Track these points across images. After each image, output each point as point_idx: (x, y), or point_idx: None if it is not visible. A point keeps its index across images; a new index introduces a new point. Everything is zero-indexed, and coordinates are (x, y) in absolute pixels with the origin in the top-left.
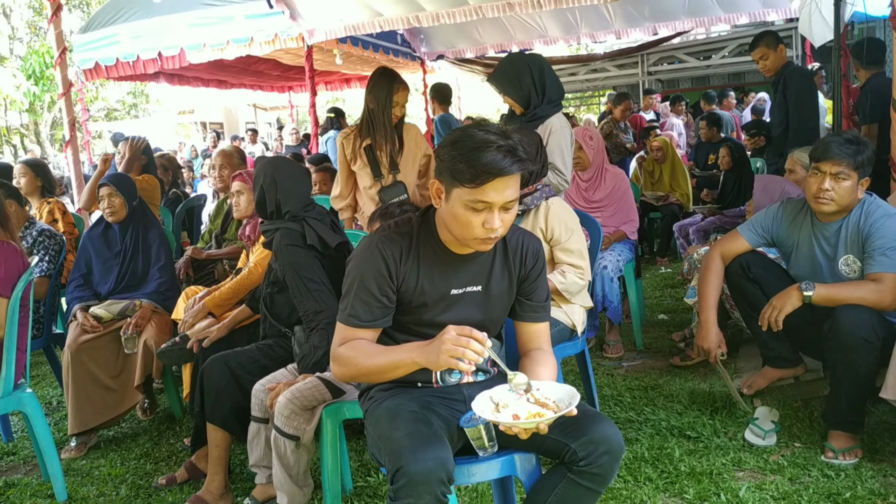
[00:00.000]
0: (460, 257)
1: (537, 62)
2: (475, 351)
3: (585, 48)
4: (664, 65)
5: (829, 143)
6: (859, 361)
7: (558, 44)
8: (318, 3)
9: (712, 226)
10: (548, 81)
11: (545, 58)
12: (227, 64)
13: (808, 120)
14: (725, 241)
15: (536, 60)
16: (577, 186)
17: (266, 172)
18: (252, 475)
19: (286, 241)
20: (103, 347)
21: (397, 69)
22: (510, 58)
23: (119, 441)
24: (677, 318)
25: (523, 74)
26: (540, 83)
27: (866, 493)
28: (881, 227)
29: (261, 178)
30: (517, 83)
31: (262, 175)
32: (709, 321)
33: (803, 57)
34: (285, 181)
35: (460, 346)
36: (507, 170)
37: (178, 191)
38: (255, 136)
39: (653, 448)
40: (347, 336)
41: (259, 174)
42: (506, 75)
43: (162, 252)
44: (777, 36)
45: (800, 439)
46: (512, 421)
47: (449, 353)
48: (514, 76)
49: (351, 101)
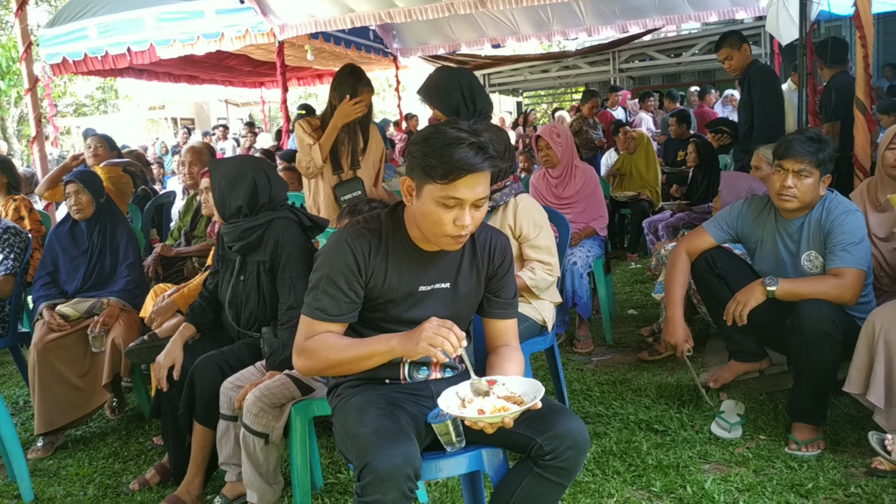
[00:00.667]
0: (429, 254)
1: (466, 76)
2: (452, 344)
3: (558, 45)
4: (635, 62)
5: (792, 142)
6: (821, 355)
7: (530, 40)
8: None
9: (681, 222)
10: (477, 95)
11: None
12: (197, 59)
13: (772, 117)
14: (691, 238)
15: (465, 75)
16: (547, 183)
17: (253, 168)
18: (222, 473)
19: (289, 232)
20: (70, 346)
21: (369, 65)
22: (440, 71)
23: (87, 441)
24: (646, 314)
25: (453, 89)
26: (470, 97)
27: (828, 484)
28: (842, 224)
29: (247, 174)
30: (447, 97)
31: (248, 171)
32: (675, 316)
33: (771, 55)
34: (272, 173)
35: (440, 336)
36: (478, 166)
37: (147, 187)
38: (225, 132)
39: (621, 442)
40: (313, 330)
41: (242, 171)
42: (436, 89)
43: (130, 250)
44: (740, 35)
45: (764, 432)
46: (477, 416)
47: (428, 340)
48: (444, 90)
49: (323, 97)
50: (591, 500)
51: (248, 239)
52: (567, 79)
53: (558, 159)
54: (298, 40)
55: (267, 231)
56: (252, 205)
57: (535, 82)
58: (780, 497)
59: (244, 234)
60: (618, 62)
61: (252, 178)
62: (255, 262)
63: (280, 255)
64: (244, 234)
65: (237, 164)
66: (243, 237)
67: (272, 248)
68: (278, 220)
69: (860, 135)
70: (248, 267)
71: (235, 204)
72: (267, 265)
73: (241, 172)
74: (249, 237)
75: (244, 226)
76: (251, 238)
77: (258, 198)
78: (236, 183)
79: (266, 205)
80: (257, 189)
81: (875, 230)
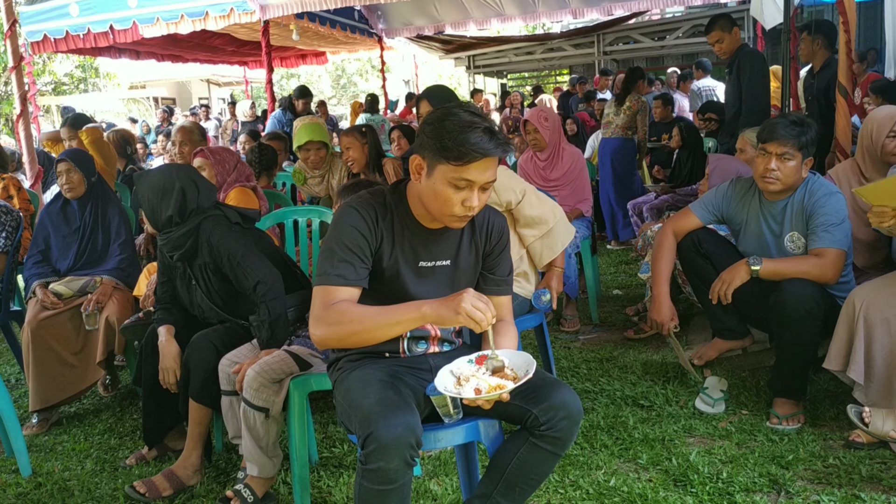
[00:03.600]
0: (431, 231)
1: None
2: (488, 319)
3: (542, 27)
4: (619, 45)
5: (775, 125)
6: (803, 332)
7: (515, 21)
8: None
9: (665, 204)
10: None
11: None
12: (181, 38)
13: (759, 101)
14: (678, 219)
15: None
16: (535, 165)
17: (178, 177)
18: (218, 449)
19: (218, 229)
20: (64, 324)
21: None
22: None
23: (81, 417)
24: (631, 294)
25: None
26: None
27: (807, 456)
28: (824, 205)
29: (173, 184)
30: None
31: (174, 181)
32: (661, 295)
33: (755, 39)
34: (198, 179)
35: (478, 310)
36: (492, 151)
37: (135, 166)
38: (207, 112)
39: (608, 417)
40: (332, 297)
41: (168, 182)
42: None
43: (122, 228)
44: (731, 18)
45: (747, 407)
46: (475, 395)
47: (468, 312)
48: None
49: (305, 78)
50: (581, 472)
51: (185, 246)
52: (551, 61)
53: (546, 142)
54: (284, 20)
55: (198, 234)
56: (182, 213)
57: (519, 64)
58: (761, 468)
59: (178, 242)
60: (602, 45)
61: (180, 188)
62: (198, 266)
63: (217, 251)
64: (179, 243)
65: (163, 175)
66: (179, 245)
67: (208, 248)
68: (206, 220)
69: (842, 118)
70: (195, 271)
71: (166, 214)
72: (210, 266)
73: (167, 183)
74: (185, 244)
75: (176, 234)
76: (187, 245)
77: (187, 206)
78: (164, 194)
79: (194, 211)
80: (185, 197)
81: (865, 206)
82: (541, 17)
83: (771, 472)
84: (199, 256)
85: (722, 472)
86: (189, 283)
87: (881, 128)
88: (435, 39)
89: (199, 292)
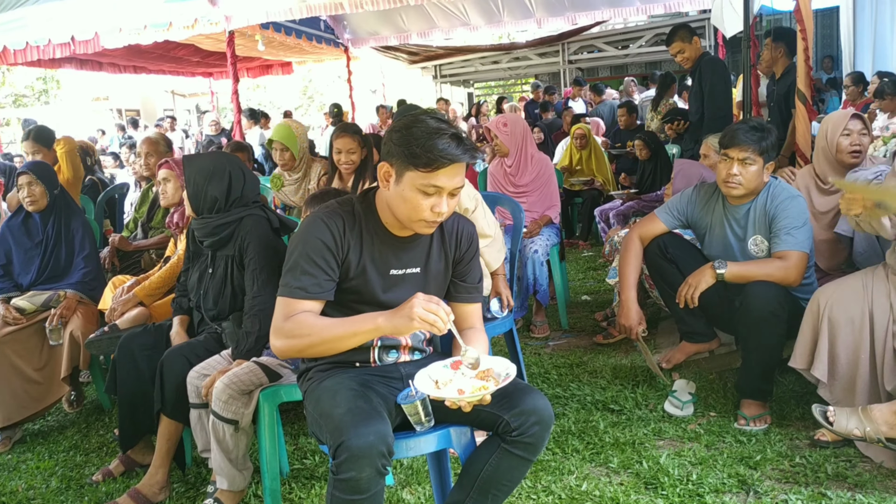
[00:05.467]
0: (400, 239)
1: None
2: (441, 319)
3: (508, 36)
4: (584, 53)
5: (736, 131)
6: (768, 334)
7: (481, 30)
8: None
9: (631, 210)
10: None
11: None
12: (144, 49)
13: (721, 107)
14: (644, 224)
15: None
16: (504, 172)
17: (228, 162)
18: (189, 464)
19: (257, 230)
20: (27, 340)
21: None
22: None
23: (45, 434)
24: (599, 299)
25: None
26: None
27: (775, 456)
28: (786, 209)
29: (224, 168)
30: None
31: (224, 165)
32: (629, 300)
33: (716, 47)
34: (245, 169)
35: (430, 312)
36: (459, 157)
37: (95, 178)
38: (173, 123)
39: (579, 421)
40: (292, 309)
41: (218, 165)
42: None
43: (86, 241)
44: (690, 28)
45: (715, 409)
46: (458, 396)
47: (421, 316)
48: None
49: (272, 88)
50: (553, 477)
51: (220, 235)
52: (517, 70)
53: (507, 148)
54: (249, 30)
55: (238, 228)
56: (227, 198)
57: (485, 73)
58: (730, 469)
59: (216, 230)
60: (567, 54)
61: (228, 172)
62: (224, 256)
63: (247, 249)
64: (216, 231)
65: (213, 159)
66: (215, 233)
67: (240, 243)
68: (248, 217)
69: (801, 124)
70: (217, 261)
71: (211, 196)
72: (237, 259)
73: (217, 167)
74: (221, 233)
75: (216, 222)
76: (223, 234)
77: (232, 192)
78: (212, 177)
79: (238, 200)
80: (232, 183)
81: (821, 209)
82: (506, 26)
83: (739, 472)
84: (230, 248)
85: (692, 473)
86: (206, 272)
87: (836, 127)
88: (401, 50)
89: (213, 281)
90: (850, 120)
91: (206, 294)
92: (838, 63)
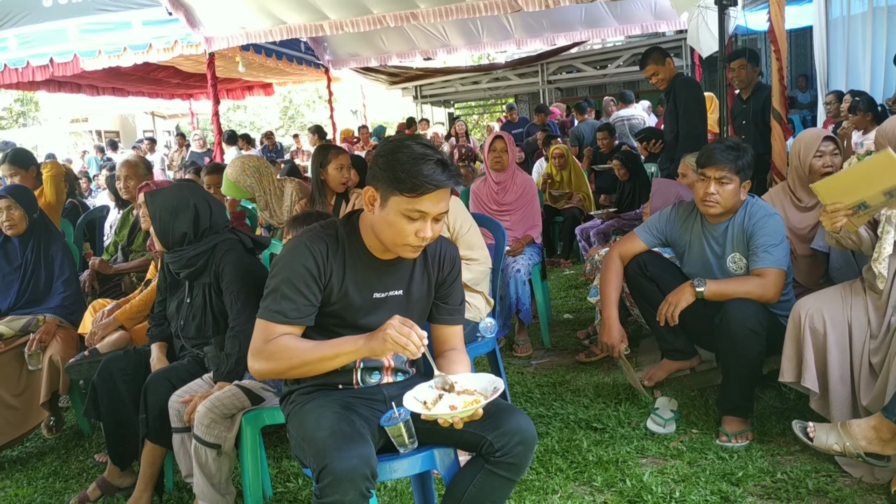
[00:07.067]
0: (383, 262)
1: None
2: (415, 342)
3: (487, 57)
4: (563, 74)
5: (713, 150)
6: (748, 351)
7: (461, 52)
8: (218, 11)
9: (611, 228)
10: None
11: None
12: (123, 71)
13: (696, 126)
14: (623, 243)
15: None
16: (489, 189)
17: (192, 194)
18: (169, 488)
19: (230, 254)
20: (5, 365)
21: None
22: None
23: (24, 461)
24: (581, 317)
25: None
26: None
27: (757, 472)
28: (764, 227)
29: (188, 201)
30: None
31: (188, 198)
32: (611, 318)
33: (692, 67)
34: (210, 198)
35: (403, 335)
36: (444, 183)
37: (75, 200)
38: (152, 145)
39: (562, 440)
40: (271, 332)
41: (182, 200)
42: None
43: (66, 265)
44: (662, 50)
45: (697, 426)
46: (450, 412)
47: (393, 339)
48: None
49: (252, 109)
50: (537, 497)
51: (195, 266)
52: (497, 90)
53: (508, 163)
54: (229, 52)
55: (211, 255)
56: (195, 231)
57: (465, 94)
58: (713, 486)
59: (190, 261)
60: (546, 74)
61: (193, 205)
62: (201, 285)
63: (223, 274)
64: (191, 262)
65: (175, 194)
66: (190, 264)
67: (216, 270)
68: (221, 243)
69: (776, 142)
70: (195, 290)
71: (180, 232)
72: (214, 286)
73: (181, 201)
74: (196, 264)
75: (190, 253)
76: (198, 264)
77: (200, 224)
78: (178, 212)
79: (207, 230)
80: (199, 215)
81: (798, 225)
82: (485, 47)
83: (722, 489)
84: (206, 276)
85: (675, 491)
86: (182, 301)
87: (808, 147)
88: (381, 71)
89: (191, 309)
90: (822, 142)
91: (187, 323)
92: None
